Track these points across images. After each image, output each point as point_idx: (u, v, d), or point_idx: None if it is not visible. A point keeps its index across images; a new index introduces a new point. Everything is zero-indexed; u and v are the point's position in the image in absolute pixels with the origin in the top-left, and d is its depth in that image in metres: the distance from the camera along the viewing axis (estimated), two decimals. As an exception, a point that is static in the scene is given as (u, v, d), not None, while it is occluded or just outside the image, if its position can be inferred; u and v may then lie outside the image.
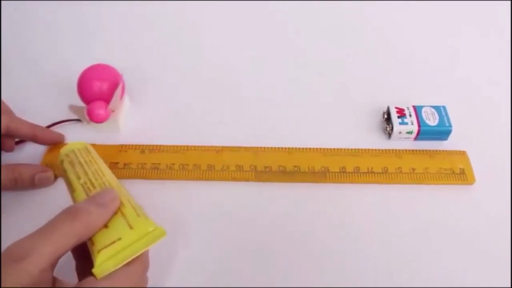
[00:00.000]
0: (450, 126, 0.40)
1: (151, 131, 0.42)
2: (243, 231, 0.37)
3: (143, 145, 0.41)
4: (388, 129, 0.41)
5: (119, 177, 0.38)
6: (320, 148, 0.41)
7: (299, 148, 0.41)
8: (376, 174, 0.39)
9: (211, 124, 0.43)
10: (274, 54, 0.50)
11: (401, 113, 0.41)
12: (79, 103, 0.41)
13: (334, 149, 0.41)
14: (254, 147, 0.41)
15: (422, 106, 0.42)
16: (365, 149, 0.41)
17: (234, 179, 0.39)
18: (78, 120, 0.42)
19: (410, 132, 0.41)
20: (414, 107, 0.42)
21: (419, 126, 0.41)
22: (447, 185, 0.39)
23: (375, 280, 0.34)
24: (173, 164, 0.39)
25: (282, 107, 0.45)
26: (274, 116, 0.44)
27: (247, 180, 0.39)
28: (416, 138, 0.41)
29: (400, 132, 0.41)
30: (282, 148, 0.41)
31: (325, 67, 0.48)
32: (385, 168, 0.39)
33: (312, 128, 0.43)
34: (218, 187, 0.39)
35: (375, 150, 0.41)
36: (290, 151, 0.40)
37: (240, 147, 0.41)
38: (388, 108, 0.42)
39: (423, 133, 0.41)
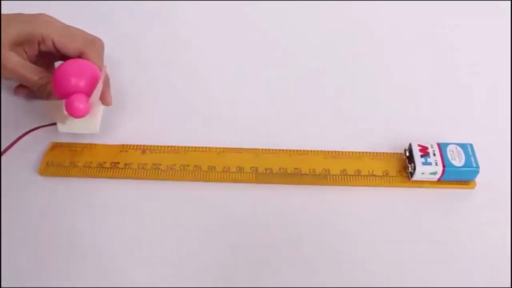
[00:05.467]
0: (478, 167, 0.37)
1: (152, 131, 0.42)
2: (243, 232, 0.37)
3: (144, 146, 0.41)
4: (410, 168, 0.38)
5: (120, 177, 0.39)
6: (321, 151, 0.40)
7: (300, 150, 0.40)
8: (377, 177, 0.39)
9: (213, 125, 0.43)
10: (278, 56, 0.50)
11: (424, 151, 0.38)
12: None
13: (335, 151, 0.40)
14: (255, 149, 0.41)
15: (447, 144, 0.39)
16: (366, 152, 0.40)
17: (235, 180, 0.39)
18: (53, 124, 0.40)
19: (433, 173, 0.38)
20: (438, 145, 0.39)
21: (443, 166, 0.38)
22: (448, 189, 0.39)
23: (376, 283, 0.34)
24: (174, 164, 0.39)
25: (283, 109, 0.45)
26: (276, 118, 0.44)
27: (247, 181, 0.39)
28: (440, 179, 0.38)
29: (423, 173, 0.38)
30: (283, 150, 0.41)
31: (330, 71, 0.48)
32: (386, 172, 0.39)
33: (314, 130, 0.43)
34: (219, 188, 0.39)
35: (377, 153, 0.41)
36: (291, 153, 0.40)
37: (241, 149, 0.41)
38: (410, 145, 0.39)
39: (448, 174, 0.38)
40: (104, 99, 0.40)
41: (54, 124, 0.40)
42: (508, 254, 0.35)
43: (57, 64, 0.44)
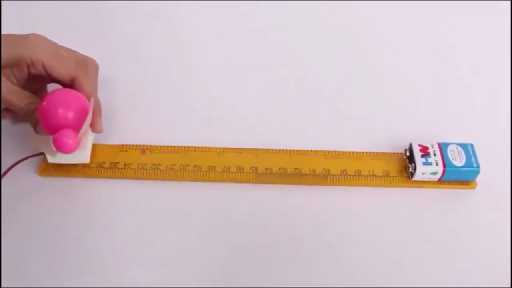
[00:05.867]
0: (478, 167, 0.37)
1: (152, 131, 0.42)
2: (243, 232, 0.37)
3: (143, 146, 0.41)
4: (410, 168, 0.38)
5: (120, 177, 0.39)
6: (321, 151, 0.40)
7: (300, 150, 0.40)
8: (377, 177, 0.39)
9: (213, 125, 0.43)
10: (278, 56, 0.50)
11: (425, 151, 0.38)
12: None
13: (335, 151, 0.40)
14: (255, 149, 0.41)
15: (448, 144, 0.39)
16: (366, 152, 0.40)
17: (235, 180, 0.39)
18: (41, 154, 0.38)
19: (434, 173, 0.38)
20: (439, 144, 0.39)
21: (444, 166, 0.38)
22: (449, 189, 0.39)
23: (376, 283, 0.34)
24: (174, 164, 0.39)
25: (283, 109, 0.45)
26: (276, 118, 0.44)
27: (247, 181, 0.39)
28: (440, 179, 0.38)
29: (423, 173, 0.38)
30: (283, 150, 0.41)
31: (330, 71, 0.48)
32: (387, 172, 0.39)
33: (314, 130, 0.43)
34: (219, 188, 0.39)
35: (377, 153, 0.41)
36: (291, 153, 0.40)
37: (241, 149, 0.41)
38: (411, 145, 0.39)
39: (449, 174, 0.38)
40: (94, 127, 0.39)
41: (42, 153, 0.38)
42: (508, 254, 0.35)
43: (50, 87, 0.42)
